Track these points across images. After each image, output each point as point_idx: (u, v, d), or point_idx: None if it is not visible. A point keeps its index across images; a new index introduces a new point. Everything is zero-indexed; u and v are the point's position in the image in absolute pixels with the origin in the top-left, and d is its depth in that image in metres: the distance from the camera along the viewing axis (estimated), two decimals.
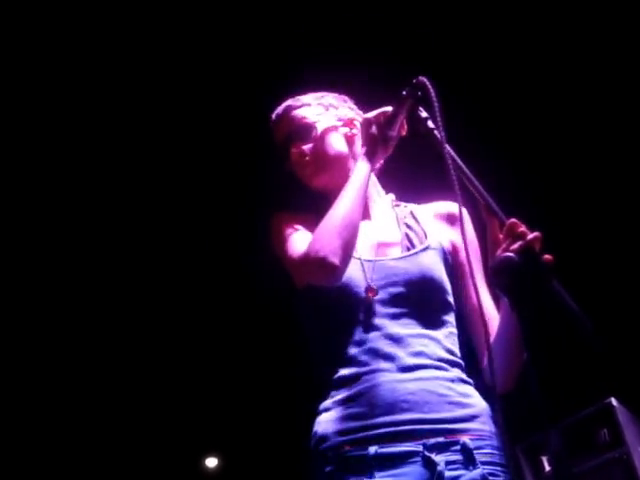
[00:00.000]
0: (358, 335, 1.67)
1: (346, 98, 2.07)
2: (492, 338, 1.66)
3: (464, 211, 1.79)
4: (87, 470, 6.00)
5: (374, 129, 1.78)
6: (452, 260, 1.82)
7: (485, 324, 1.52)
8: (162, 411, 6.08)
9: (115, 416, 5.98)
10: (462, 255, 1.79)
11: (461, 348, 1.76)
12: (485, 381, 1.71)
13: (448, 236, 1.85)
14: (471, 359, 1.75)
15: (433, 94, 1.64)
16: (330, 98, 2.02)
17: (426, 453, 1.53)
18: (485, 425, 1.62)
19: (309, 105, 1.98)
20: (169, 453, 6.35)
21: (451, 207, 1.87)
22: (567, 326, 1.44)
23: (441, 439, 1.55)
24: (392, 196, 1.99)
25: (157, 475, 6.28)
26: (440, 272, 1.76)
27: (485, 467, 1.55)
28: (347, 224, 1.65)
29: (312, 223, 1.81)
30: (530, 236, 1.47)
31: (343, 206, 1.69)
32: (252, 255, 3.82)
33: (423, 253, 1.78)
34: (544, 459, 3.92)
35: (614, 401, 3.90)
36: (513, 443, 4.01)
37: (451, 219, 1.86)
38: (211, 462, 6.95)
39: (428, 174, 1.75)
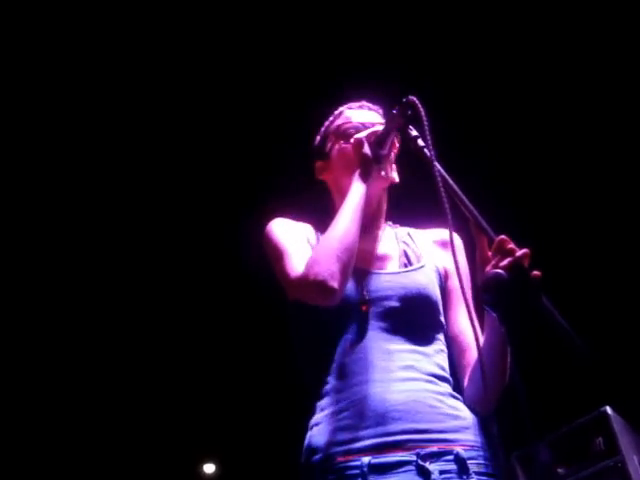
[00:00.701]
0: (349, 346, 1.68)
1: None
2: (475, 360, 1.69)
3: (457, 238, 1.81)
4: (86, 476, 5.99)
5: (366, 149, 1.79)
6: (444, 284, 1.84)
7: (477, 338, 1.53)
8: (160, 418, 6.08)
9: (114, 423, 5.98)
10: (453, 281, 1.81)
11: (450, 366, 1.77)
12: (466, 401, 1.71)
13: (442, 261, 1.87)
14: (453, 382, 1.76)
15: (423, 113, 1.65)
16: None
17: (420, 462, 1.53)
18: (476, 436, 1.64)
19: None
20: (167, 459, 6.34)
21: (446, 234, 1.82)
22: (556, 341, 1.45)
23: (434, 448, 1.56)
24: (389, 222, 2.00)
25: None
26: (435, 291, 1.78)
27: (478, 477, 1.56)
28: (345, 246, 1.65)
29: (310, 233, 1.83)
30: (519, 253, 1.48)
31: (341, 228, 1.69)
32: (253, 261, 3.84)
33: (420, 271, 1.80)
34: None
35: (609, 410, 3.91)
36: (509, 452, 4.02)
37: (445, 245, 1.87)
38: (209, 468, 6.95)
39: (418, 192, 1.76)
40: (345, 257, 1.64)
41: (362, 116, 1.92)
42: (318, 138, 2.02)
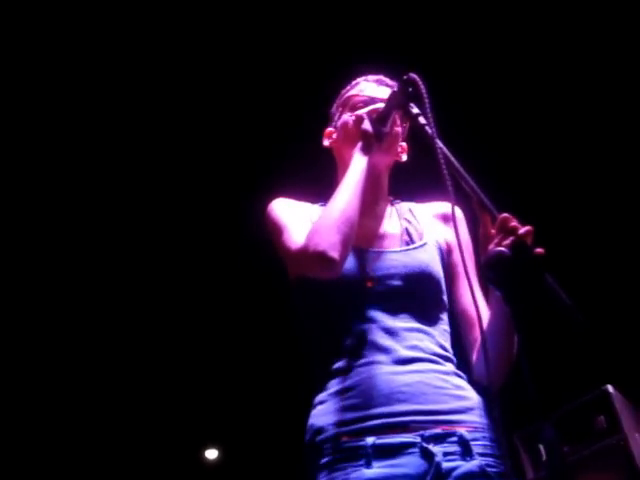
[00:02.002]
0: (354, 326, 1.67)
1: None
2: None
3: (459, 211, 1.81)
4: (88, 462, 6.02)
5: (367, 125, 1.79)
6: (447, 259, 1.83)
7: (479, 317, 1.52)
8: (162, 403, 6.10)
9: (116, 409, 6.01)
10: (456, 255, 1.80)
11: (452, 346, 1.77)
12: (474, 378, 1.72)
13: (444, 235, 1.86)
14: (461, 357, 1.76)
15: (424, 90, 1.64)
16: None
17: (424, 444, 1.53)
18: (480, 417, 1.63)
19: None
20: (169, 445, 6.38)
21: (447, 207, 1.84)
22: (559, 318, 1.45)
23: (438, 430, 1.56)
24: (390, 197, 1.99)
25: (158, 467, 6.31)
26: (437, 269, 1.77)
27: (482, 458, 1.56)
28: (346, 218, 1.65)
29: (312, 211, 1.82)
30: (522, 230, 1.48)
31: (341, 200, 1.69)
32: (251, 249, 3.84)
33: (422, 249, 1.79)
34: (541, 447, 3.94)
35: (610, 388, 3.92)
36: (511, 432, 4.04)
37: (447, 219, 1.86)
38: (211, 454, 6.98)
39: (420, 170, 1.75)
40: (346, 229, 1.63)
41: (375, 90, 1.91)
42: (334, 105, 2.02)
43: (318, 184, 1.91)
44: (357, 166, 1.75)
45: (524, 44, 4.17)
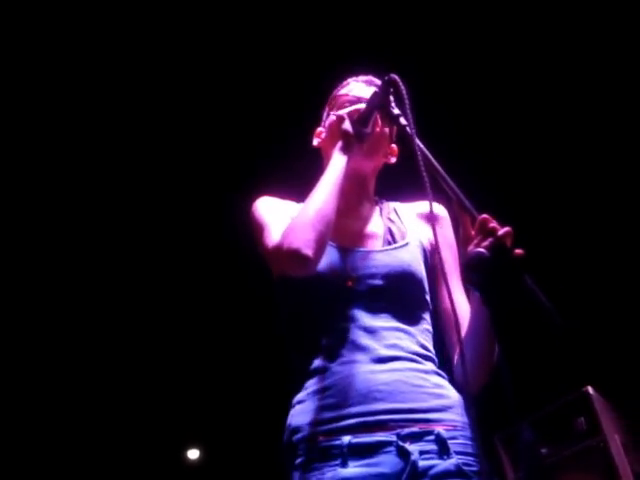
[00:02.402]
0: (333, 325, 1.67)
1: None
2: (464, 336, 1.66)
3: (444, 212, 1.81)
4: (69, 462, 5.99)
5: (347, 125, 1.78)
6: (430, 259, 1.82)
7: (457, 321, 1.53)
8: (144, 404, 6.07)
9: (97, 409, 5.98)
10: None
11: (434, 346, 1.76)
12: (456, 379, 1.71)
13: (428, 235, 1.85)
14: (443, 357, 1.75)
15: (404, 91, 1.64)
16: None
17: (400, 443, 1.52)
18: (459, 416, 1.62)
19: None
20: (151, 445, 6.35)
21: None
22: (538, 320, 1.45)
23: (415, 429, 1.55)
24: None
25: (140, 467, 6.28)
26: (420, 269, 1.76)
27: (459, 457, 1.55)
28: (321, 216, 1.64)
29: (294, 211, 1.80)
30: (501, 231, 1.47)
31: (318, 198, 1.68)
32: (234, 249, 3.83)
33: (404, 248, 1.78)
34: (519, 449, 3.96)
35: (591, 390, 3.95)
36: (492, 433, 4.05)
37: (430, 219, 1.84)
38: (193, 454, 6.96)
39: (405, 171, 1.74)
40: (321, 227, 1.62)
41: (363, 91, 1.90)
42: (325, 105, 2.02)
43: (306, 183, 1.90)
44: (335, 165, 1.74)
45: (508, 47, 4.19)
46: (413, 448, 1.52)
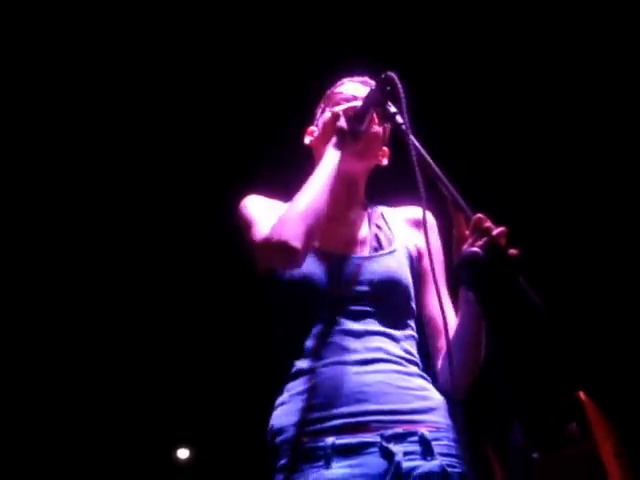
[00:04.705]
0: (317, 329, 1.66)
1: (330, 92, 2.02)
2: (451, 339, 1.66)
3: (430, 217, 1.80)
4: (59, 461, 5.97)
5: (342, 122, 1.78)
6: (416, 265, 1.82)
7: (445, 323, 1.52)
8: (134, 404, 6.06)
9: (88, 409, 5.96)
10: (426, 261, 1.79)
11: (418, 352, 1.75)
12: (440, 383, 1.70)
13: (414, 241, 1.85)
14: (426, 364, 1.75)
15: (401, 89, 1.63)
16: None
17: (384, 444, 1.52)
18: (443, 418, 1.62)
19: None
20: (141, 445, 6.34)
21: (419, 213, 1.77)
22: (531, 321, 1.44)
23: (399, 430, 1.54)
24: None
25: (130, 466, 6.27)
26: (406, 276, 1.76)
27: (443, 458, 1.54)
28: (312, 210, 1.63)
29: (282, 209, 1.80)
30: (495, 231, 1.47)
31: (309, 193, 1.67)
32: (223, 250, 3.82)
33: (390, 255, 1.78)
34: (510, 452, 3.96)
35: (582, 395, 3.95)
36: (481, 436, 4.04)
37: (418, 224, 1.85)
38: (183, 453, 6.95)
39: (399, 173, 1.74)
40: (311, 221, 1.62)
41: (359, 91, 1.89)
42: (319, 104, 2.01)
43: (294, 183, 1.89)
44: (328, 161, 1.74)
45: (503, 48, 4.19)
46: (397, 449, 1.52)
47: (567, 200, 4.58)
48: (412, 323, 1.77)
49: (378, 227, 1.87)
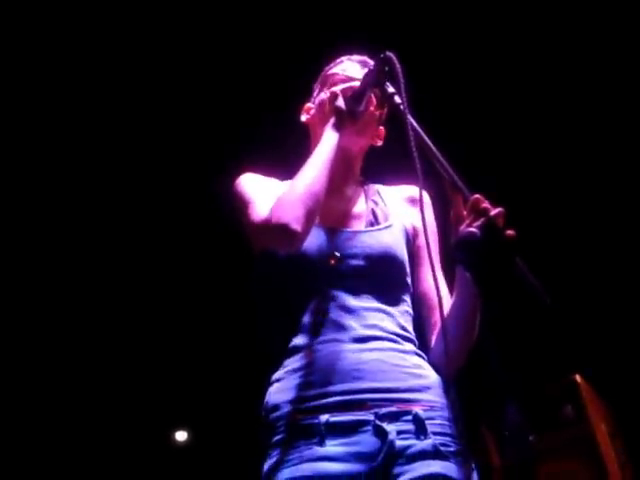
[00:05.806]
0: (313, 304, 1.66)
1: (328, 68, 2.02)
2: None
3: (425, 195, 1.81)
4: (56, 444, 5.99)
5: (340, 102, 1.78)
6: (412, 242, 1.83)
7: (440, 299, 1.53)
8: (132, 386, 6.07)
9: (84, 392, 5.97)
10: (421, 238, 1.79)
11: (414, 329, 1.76)
12: (432, 360, 1.70)
13: (410, 218, 1.86)
14: (420, 340, 1.75)
15: (399, 69, 1.63)
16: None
17: (377, 422, 1.51)
18: (437, 396, 1.62)
19: None
20: (139, 427, 6.35)
21: (415, 191, 1.82)
22: (528, 302, 1.45)
23: (393, 408, 1.54)
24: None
25: (127, 449, 6.28)
26: (402, 251, 1.76)
27: (437, 437, 1.54)
28: (311, 193, 1.63)
29: (279, 188, 1.79)
30: (493, 212, 1.47)
31: (308, 174, 1.67)
32: (217, 233, 3.81)
33: (386, 230, 1.78)
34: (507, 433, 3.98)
35: (578, 378, 3.96)
36: (478, 417, 4.06)
37: (414, 202, 1.85)
38: (181, 436, 6.97)
39: (396, 153, 1.74)
40: (310, 203, 1.62)
41: (357, 72, 1.88)
42: (316, 82, 2.01)
43: (289, 161, 1.89)
44: (327, 142, 1.74)
45: (505, 30, 4.19)
46: (391, 428, 1.52)
47: (565, 182, 4.58)
48: (408, 298, 1.77)
49: (374, 202, 1.87)
